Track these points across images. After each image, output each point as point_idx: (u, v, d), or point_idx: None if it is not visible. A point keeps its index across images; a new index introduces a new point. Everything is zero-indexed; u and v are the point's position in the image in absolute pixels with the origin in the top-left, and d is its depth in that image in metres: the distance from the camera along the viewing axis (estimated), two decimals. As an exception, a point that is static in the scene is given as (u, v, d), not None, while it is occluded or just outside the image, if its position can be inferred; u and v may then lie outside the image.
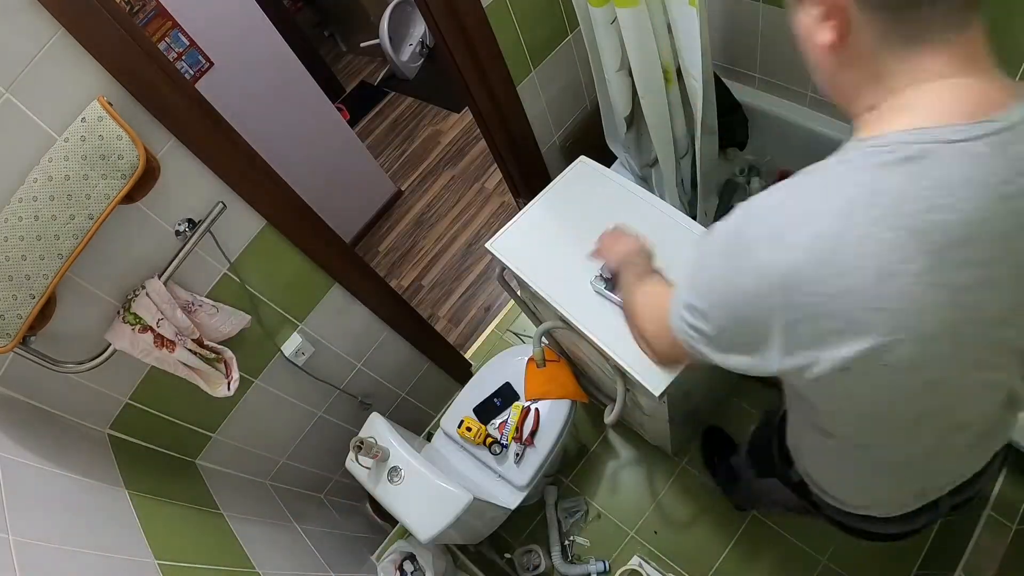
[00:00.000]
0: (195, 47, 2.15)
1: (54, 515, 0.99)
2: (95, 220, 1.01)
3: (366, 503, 2.15)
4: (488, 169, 3.17)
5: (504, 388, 1.80)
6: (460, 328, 2.70)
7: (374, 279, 1.74)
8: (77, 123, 0.97)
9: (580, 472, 2.07)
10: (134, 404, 1.33)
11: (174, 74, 1.11)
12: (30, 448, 1.05)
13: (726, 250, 0.61)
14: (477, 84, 1.70)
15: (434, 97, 3.66)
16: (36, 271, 0.99)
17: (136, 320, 1.18)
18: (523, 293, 1.73)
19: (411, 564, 1.71)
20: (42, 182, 0.97)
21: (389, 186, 3.23)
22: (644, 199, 1.49)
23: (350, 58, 4.25)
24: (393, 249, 3.10)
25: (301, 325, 1.58)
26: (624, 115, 1.73)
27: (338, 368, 1.75)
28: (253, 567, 1.31)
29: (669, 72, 1.58)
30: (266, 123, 2.44)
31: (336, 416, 1.83)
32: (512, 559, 1.94)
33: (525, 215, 1.59)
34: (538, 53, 1.78)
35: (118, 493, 1.18)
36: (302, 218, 1.45)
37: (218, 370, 1.34)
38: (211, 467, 1.54)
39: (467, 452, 1.75)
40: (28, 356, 1.08)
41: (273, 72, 2.46)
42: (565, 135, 2.06)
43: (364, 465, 1.49)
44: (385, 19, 3.55)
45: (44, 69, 0.96)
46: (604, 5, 1.42)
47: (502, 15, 1.61)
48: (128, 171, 1.01)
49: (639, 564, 1.84)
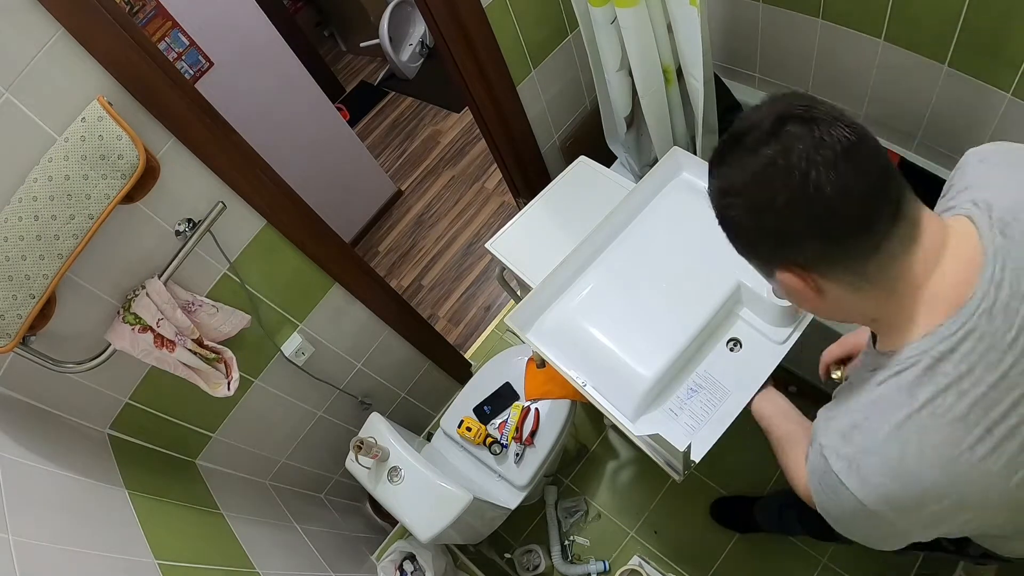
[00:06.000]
0: (195, 47, 2.15)
1: (54, 515, 0.99)
2: (95, 220, 1.01)
3: (366, 503, 2.14)
4: (488, 169, 3.17)
5: (504, 388, 1.79)
6: (460, 328, 2.70)
7: (374, 279, 1.74)
8: (77, 123, 0.97)
9: (580, 472, 2.07)
10: (134, 404, 1.33)
11: (174, 74, 1.11)
12: (30, 448, 1.05)
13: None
14: (477, 84, 1.70)
15: (434, 97, 3.65)
16: (36, 271, 0.99)
17: (136, 320, 1.18)
18: (523, 293, 1.73)
19: (411, 564, 1.71)
20: (42, 182, 0.97)
21: (389, 186, 3.23)
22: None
23: (350, 58, 4.25)
24: (393, 249, 3.10)
25: (301, 325, 1.58)
26: (624, 115, 1.73)
27: (338, 368, 1.75)
28: (253, 567, 1.31)
29: (669, 72, 1.58)
30: (266, 123, 2.44)
31: (336, 416, 1.83)
32: (512, 559, 1.94)
33: (525, 215, 1.60)
34: (538, 53, 1.78)
35: (118, 493, 1.18)
36: (302, 218, 1.45)
37: (218, 370, 1.34)
38: (211, 467, 1.54)
39: (467, 452, 1.75)
40: (28, 356, 1.08)
41: (273, 72, 2.46)
42: (565, 135, 2.06)
43: (364, 465, 1.49)
44: (385, 19, 3.55)
45: (44, 69, 0.96)
46: (604, 5, 1.42)
47: (502, 15, 1.61)
48: (128, 171, 1.01)
49: (639, 564, 1.84)
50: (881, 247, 0.60)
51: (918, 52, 1.41)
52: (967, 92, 1.39)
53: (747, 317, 1.27)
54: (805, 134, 0.58)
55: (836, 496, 0.67)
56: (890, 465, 0.62)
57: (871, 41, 1.47)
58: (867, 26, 1.46)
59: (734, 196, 0.63)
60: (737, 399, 1.17)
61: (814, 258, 0.62)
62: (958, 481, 0.60)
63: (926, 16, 1.33)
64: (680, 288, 1.28)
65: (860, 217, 0.59)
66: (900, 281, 0.62)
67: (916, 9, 1.34)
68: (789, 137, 0.59)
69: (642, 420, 1.21)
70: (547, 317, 1.34)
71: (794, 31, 1.61)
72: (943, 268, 0.61)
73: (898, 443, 0.61)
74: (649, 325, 1.25)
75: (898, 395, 0.62)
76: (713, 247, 0.76)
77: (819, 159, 0.57)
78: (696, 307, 1.24)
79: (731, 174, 0.63)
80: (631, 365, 1.22)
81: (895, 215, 0.60)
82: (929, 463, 0.60)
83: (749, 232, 0.65)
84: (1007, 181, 0.67)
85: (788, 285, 0.66)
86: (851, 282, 0.63)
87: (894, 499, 0.62)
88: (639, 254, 1.36)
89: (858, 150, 0.58)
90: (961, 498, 0.61)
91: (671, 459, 1.14)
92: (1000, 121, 1.39)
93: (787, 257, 0.64)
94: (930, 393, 0.60)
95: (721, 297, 1.24)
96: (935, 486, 0.61)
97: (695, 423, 1.18)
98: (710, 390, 1.21)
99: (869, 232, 0.59)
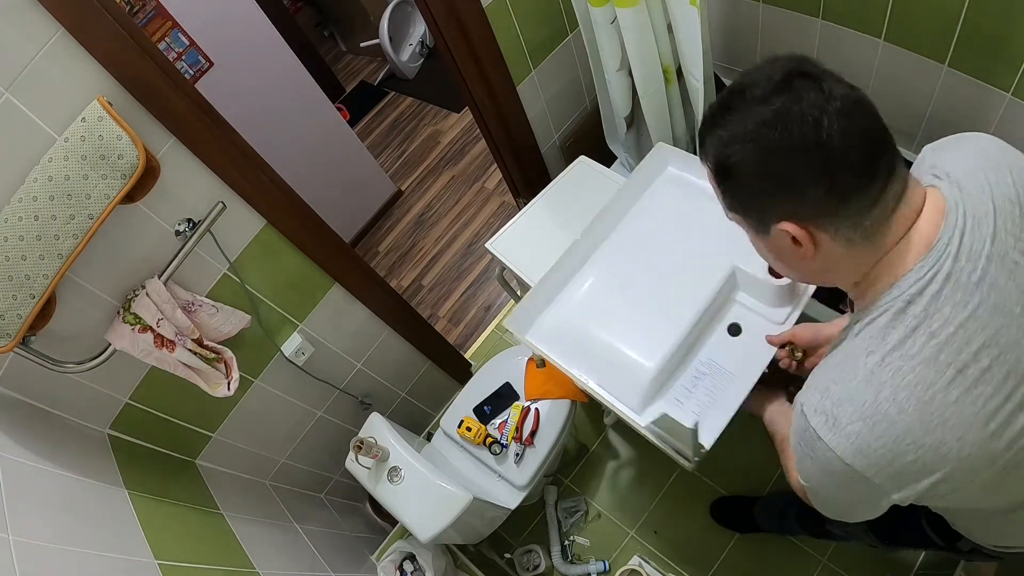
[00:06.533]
0: (195, 47, 2.15)
1: (54, 515, 0.99)
2: (95, 220, 1.01)
3: (366, 503, 2.15)
4: (488, 169, 3.17)
5: (504, 388, 1.79)
6: (460, 328, 2.70)
7: (374, 279, 1.74)
8: (77, 123, 0.97)
9: (580, 472, 2.07)
10: (134, 404, 1.33)
11: (174, 74, 1.11)
12: (30, 448, 1.05)
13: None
14: (477, 84, 1.70)
15: (434, 97, 3.65)
16: (36, 271, 0.99)
17: (136, 320, 1.18)
18: (523, 293, 1.73)
19: (411, 564, 1.71)
20: (42, 182, 0.97)
21: (389, 186, 3.23)
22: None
23: (350, 58, 4.25)
24: (393, 249, 3.10)
25: (301, 325, 1.58)
26: (624, 115, 1.73)
27: (338, 368, 1.75)
28: (253, 567, 1.31)
29: (669, 72, 1.58)
30: (266, 123, 2.44)
31: (336, 416, 1.83)
32: (512, 559, 1.94)
33: (525, 215, 1.60)
34: (538, 53, 1.78)
35: (118, 493, 1.18)
36: (302, 218, 1.45)
37: (218, 370, 1.34)
38: (211, 467, 1.54)
39: (467, 452, 1.75)
40: (28, 356, 1.08)
41: (273, 72, 2.46)
42: (565, 135, 2.06)
43: (364, 465, 1.49)
44: (385, 19, 3.55)
45: (44, 69, 0.96)
46: (604, 5, 1.42)
47: (502, 15, 1.61)
48: (128, 171, 1.01)
49: (639, 564, 1.84)
50: (878, 201, 0.63)
51: (918, 52, 1.41)
52: (967, 92, 1.39)
53: (745, 301, 1.27)
54: (814, 87, 0.61)
55: (814, 454, 0.68)
56: (864, 410, 0.63)
57: (871, 41, 1.47)
58: (867, 26, 1.46)
59: (744, 142, 0.63)
60: (742, 383, 1.17)
61: (816, 208, 0.63)
62: (932, 425, 0.61)
63: (926, 16, 1.33)
64: (676, 278, 1.28)
65: (864, 168, 0.61)
66: (888, 236, 0.65)
67: (916, 9, 1.34)
68: (800, 88, 0.61)
69: (648, 411, 1.20)
70: (545, 318, 1.34)
71: (794, 31, 1.61)
72: (918, 224, 0.65)
73: (872, 386, 0.63)
74: (648, 317, 1.26)
75: (871, 341, 0.64)
76: (706, 236, 0.77)
77: (830, 108, 0.59)
78: (693, 295, 1.24)
79: (741, 120, 0.63)
80: (633, 357, 1.22)
81: (891, 171, 0.63)
82: (901, 405, 0.61)
83: (753, 180, 0.65)
84: (958, 156, 0.71)
85: (783, 241, 0.67)
86: (848, 237, 0.64)
87: (868, 449, 0.63)
88: (632, 249, 1.36)
89: (862, 105, 0.62)
90: (936, 446, 0.61)
91: (680, 446, 1.13)
92: (1000, 121, 1.39)
93: (788, 207, 0.65)
94: (901, 335, 0.62)
95: (717, 283, 1.24)
96: (908, 431, 0.61)
97: (701, 409, 1.18)
98: (714, 376, 1.21)
99: (871, 184, 0.62)
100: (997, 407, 0.61)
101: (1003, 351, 0.61)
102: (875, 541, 1.12)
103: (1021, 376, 0.61)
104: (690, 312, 1.23)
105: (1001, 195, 0.65)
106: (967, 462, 0.62)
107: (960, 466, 0.62)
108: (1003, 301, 0.61)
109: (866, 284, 0.69)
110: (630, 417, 1.20)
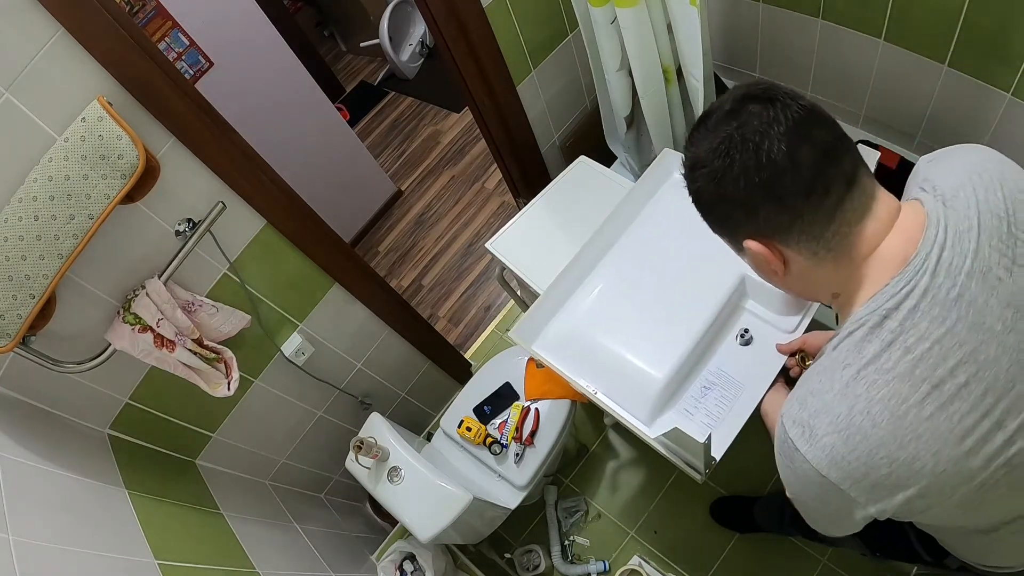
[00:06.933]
0: (195, 47, 2.15)
1: (54, 515, 0.99)
2: (95, 220, 1.01)
3: (366, 503, 2.14)
4: (488, 169, 3.17)
5: (504, 388, 1.79)
6: (460, 328, 2.70)
7: (374, 279, 1.74)
8: (77, 123, 0.97)
9: (580, 472, 2.07)
10: (134, 404, 1.33)
11: (174, 74, 1.11)
12: (30, 448, 1.05)
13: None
14: (477, 84, 1.70)
15: (434, 97, 3.65)
16: (36, 271, 0.99)
17: (136, 320, 1.18)
18: (523, 293, 1.73)
19: (411, 564, 1.71)
20: (42, 182, 0.97)
21: (389, 186, 3.23)
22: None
23: (350, 58, 4.25)
24: (393, 249, 3.10)
25: (301, 325, 1.58)
26: (624, 115, 1.74)
27: (338, 368, 1.75)
28: (253, 567, 1.31)
29: (669, 72, 1.59)
30: (266, 123, 2.44)
31: (336, 416, 1.83)
32: (512, 559, 1.94)
33: (525, 215, 1.60)
34: (538, 53, 1.78)
35: (118, 493, 1.18)
36: (302, 218, 1.45)
37: (218, 370, 1.34)
38: (211, 467, 1.54)
39: (467, 452, 1.75)
40: (28, 356, 1.08)
41: (273, 72, 2.46)
42: (565, 135, 2.06)
43: (364, 465, 1.49)
44: (385, 19, 3.55)
45: (44, 69, 0.96)
46: (604, 5, 1.42)
47: (502, 15, 1.61)
48: (128, 171, 1.01)
49: (639, 564, 1.84)
50: (836, 215, 0.64)
51: (918, 52, 1.41)
52: (967, 92, 1.39)
53: (754, 309, 1.26)
54: (761, 111, 0.64)
55: (792, 464, 0.68)
56: (838, 423, 0.63)
57: (871, 41, 1.47)
58: (867, 26, 1.46)
59: (700, 169, 0.68)
60: (751, 393, 1.16)
61: (774, 224, 0.66)
62: (905, 439, 0.61)
63: (926, 16, 1.33)
64: (683, 287, 1.27)
65: (811, 183, 0.63)
66: (855, 249, 0.66)
67: (916, 9, 1.34)
68: (747, 115, 0.65)
69: (657, 423, 1.19)
70: (551, 328, 1.33)
71: (794, 31, 1.61)
72: (891, 237, 0.66)
73: (847, 399, 0.63)
74: (655, 326, 1.24)
75: (847, 355, 0.65)
76: (712, 244, 0.77)
77: (772, 132, 0.63)
78: (701, 304, 1.23)
79: (696, 150, 0.69)
80: (641, 367, 1.20)
81: (850, 184, 0.64)
82: (875, 419, 0.61)
83: (715, 204, 0.70)
84: (949, 169, 0.71)
85: (755, 256, 0.70)
86: (812, 250, 0.67)
87: (842, 461, 0.63)
88: (639, 257, 1.35)
89: (808, 124, 0.64)
90: (910, 461, 0.61)
91: (690, 458, 1.12)
92: (1000, 121, 1.39)
93: (750, 226, 0.68)
94: (876, 349, 0.63)
95: (726, 292, 1.23)
96: (882, 445, 0.61)
97: (711, 420, 1.17)
98: (723, 386, 1.20)
99: (823, 199, 0.64)
100: (974, 424, 0.60)
101: (981, 368, 0.60)
102: (865, 550, 1.12)
103: (1000, 394, 0.60)
104: (699, 321, 1.21)
105: (988, 210, 0.64)
106: (942, 478, 0.61)
107: (935, 482, 0.61)
108: (982, 319, 0.60)
109: (844, 298, 0.70)
110: (639, 429, 1.18)
